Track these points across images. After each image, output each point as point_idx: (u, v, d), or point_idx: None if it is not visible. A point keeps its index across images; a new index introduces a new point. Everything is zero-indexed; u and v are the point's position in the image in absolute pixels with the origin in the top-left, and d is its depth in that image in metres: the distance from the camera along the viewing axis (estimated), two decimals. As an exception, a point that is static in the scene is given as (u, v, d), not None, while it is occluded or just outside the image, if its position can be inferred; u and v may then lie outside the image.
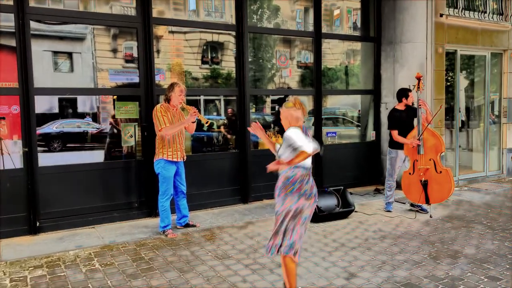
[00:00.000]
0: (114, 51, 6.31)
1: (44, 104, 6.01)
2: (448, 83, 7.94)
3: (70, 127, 7.19)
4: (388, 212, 5.96)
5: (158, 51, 6.27)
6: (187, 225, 5.29)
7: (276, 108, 7.88)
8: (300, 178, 3.15)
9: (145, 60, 5.64)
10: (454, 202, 6.55)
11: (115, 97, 6.13)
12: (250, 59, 6.74)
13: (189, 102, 5.26)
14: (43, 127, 6.37)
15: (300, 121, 3.24)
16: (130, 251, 4.47)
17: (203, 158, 6.29)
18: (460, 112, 8.26)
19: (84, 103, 6.80)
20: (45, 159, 5.38)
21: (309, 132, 3.34)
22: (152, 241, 4.78)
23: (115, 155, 6.16)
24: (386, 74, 7.73)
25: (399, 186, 6.12)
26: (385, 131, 7.48)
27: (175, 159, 4.96)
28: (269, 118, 7.92)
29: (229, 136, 7.17)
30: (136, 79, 5.76)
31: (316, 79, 7.20)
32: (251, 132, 3.49)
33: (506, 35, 8.35)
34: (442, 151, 5.72)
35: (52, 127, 6.89)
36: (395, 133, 5.85)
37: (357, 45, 8.22)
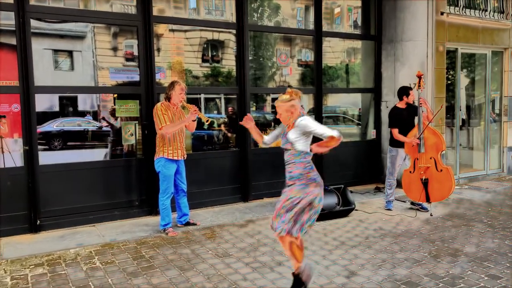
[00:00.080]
0: (115, 50, 6.31)
1: (45, 103, 6.01)
2: (449, 82, 7.93)
3: (71, 126, 7.20)
4: (389, 211, 5.96)
5: (159, 49, 6.26)
6: (188, 224, 5.29)
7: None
8: (311, 164, 3.23)
9: (146, 59, 5.64)
10: (455, 201, 6.55)
11: (116, 96, 6.13)
12: (251, 58, 6.74)
13: (190, 101, 5.25)
14: (44, 126, 6.38)
15: (300, 108, 3.27)
16: (131, 249, 4.48)
17: (204, 157, 6.29)
18: (461, 111, 8.26)
19: (85, 102, 6.80)
20: (46, 158, 5.39)
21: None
22: (153, 240, 4.78)
23: (116, 154, 6.16)
24: (387, 73, 7.72)
25: (400, 185, 6.12)
26: (386, 130, 7.48)
27: (176, 158, 4.96)
28: (270, 117, 7.91)
29: (230, 135, 7.18)
30: (137, 78, 5.76)
31: (317, 78, 7.19)
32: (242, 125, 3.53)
33: (507, 33, 8.33)
34: (443, 150, 5.72)
35: (53, 126, 6.90)
36: (396, 132, 5.85)
37: (358, 44, 8.21)
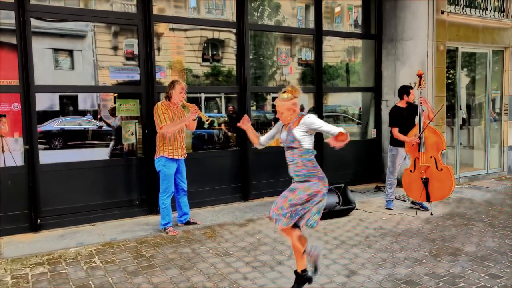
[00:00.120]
0: (115, 49, 6.31)
1: (45, 102, 6.03)
2: (449, 81, 7.93)
3: (71, 125, 7.21)
4: (389, 210, 5.96)
5: (159, 49, 6.26)
6: (188, 223, 5.29)
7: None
8: (316, 162, 3.30)
9: (146, 58, 5.63)
10: (455, 200, 6.54)
11: (116, 95, 6.14)
12: (251, 57, 6.73)
13: (190, 100, 5.24)
14: (44, 125, 6.39)
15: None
16: (131, 249, 4.48)
17: (204, 156, 6.30)
18: (461, 110, 8.25)
19: (85, 101, 6.82)
20: (46, 157, 5.39)
21: None
22: (153, 239, 4.79)
23: (116, 153, 6.17)
24: (387, 72, 7.72)
25: (400, 184, 6.12)
26: (386, 129, 7.47)
27: (176, 157, 4.96)
28: (270, 116, 7.92)
29: (230, 134, 7.18)
30: (137, 77, 5.75)
31: (317, 77, 7.18)
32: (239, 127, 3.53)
33: (508, 33, 8.33)
34: (443, 149, 5.72)
35: (53, 125, 6.91)
36: (396, 131, 5.84)
37: (358, 43, 8.20)
